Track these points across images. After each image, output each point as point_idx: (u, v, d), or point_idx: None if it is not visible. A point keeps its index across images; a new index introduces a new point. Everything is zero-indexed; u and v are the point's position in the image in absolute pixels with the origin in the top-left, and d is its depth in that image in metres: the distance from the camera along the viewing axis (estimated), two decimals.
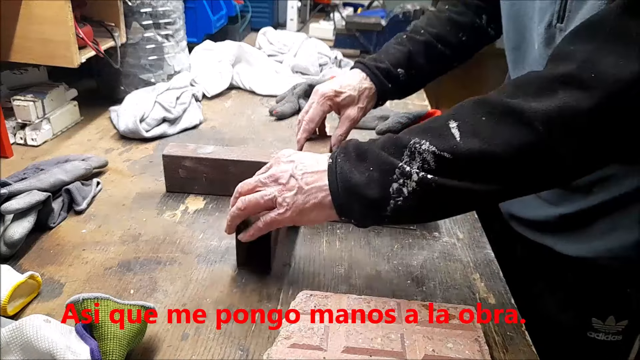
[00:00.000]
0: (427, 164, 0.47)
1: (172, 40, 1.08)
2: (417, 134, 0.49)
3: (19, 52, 0.87)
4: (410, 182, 0.48)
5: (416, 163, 0.48)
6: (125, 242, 0.66)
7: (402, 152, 0.49)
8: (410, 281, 0.61)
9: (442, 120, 0.49)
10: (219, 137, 0.97)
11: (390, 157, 0.49)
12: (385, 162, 0.49)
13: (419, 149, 0.48)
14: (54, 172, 0.71)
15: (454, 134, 0.47)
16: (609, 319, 0.70)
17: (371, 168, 0.50)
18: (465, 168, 0.47)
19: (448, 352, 0.48)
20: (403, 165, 0.48)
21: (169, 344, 0.51)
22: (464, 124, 0.47)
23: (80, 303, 0.46)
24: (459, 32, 0.82)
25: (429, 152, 0.47)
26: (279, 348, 0.48)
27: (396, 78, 0.80)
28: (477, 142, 0.46)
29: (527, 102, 0.45)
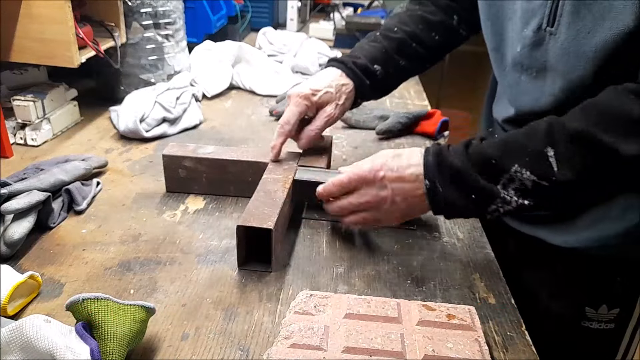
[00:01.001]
0: (525, 188, 0.54)
1: (172, 40, 1.08)
2: (516, 158, 0.54)
3: (19, 52, 0.87)
4: (507, 206, 0.55)
5: (513, 186, 0.54)
6: (125, 242, 0.66)
7: (501, 176, 0.55)
8: (410, 281, 0.61)
9: (539, 144, 0.54)
10: (219, 137, 0.97)
11: (489, 183, 0.55)
12: (485, 189, 0.55)
13: (520, 177, 0.54)
14: (54, 172, 0.71)
15: (552, 164, 0.53)
16: (601, 307, 0.71)
17: (473, 196, 0.56)
18: (559, 194, 0.54)
19: (448, 352, 0.48)
20: (504, 194, 0.55)
21: (169, 344, 0.51)
22: (561, 155, 0.53)
23: (80, 303, 0.46)
24: (431, 32, 0.82)
25: (529, 180, 0.54)
26: (278, 348, 0.48)
27: (373, 75, 0.78)
28: (573, 175, 0.52)
29: (619, 142, 0.51)
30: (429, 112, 1.03)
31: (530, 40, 0.64)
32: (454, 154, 0.58)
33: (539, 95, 0.65)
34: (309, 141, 0.75)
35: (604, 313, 0.71)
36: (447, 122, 1.01)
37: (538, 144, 0.54)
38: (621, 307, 0.72)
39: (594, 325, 0.72)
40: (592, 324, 0.72)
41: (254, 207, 0.63)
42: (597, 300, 0.71)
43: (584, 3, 0.57)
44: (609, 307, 0.71)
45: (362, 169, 0.61)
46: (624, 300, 0.72)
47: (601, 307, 0.71)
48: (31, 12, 0.83)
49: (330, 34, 1.65)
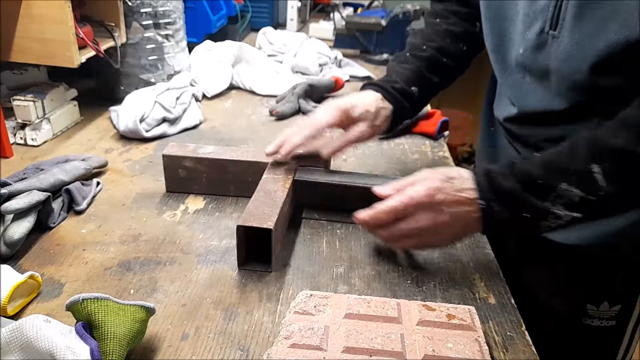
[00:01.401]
0: (573, 203, 0.55)
1: (172, 40, 1.08)
2: (562, 176, 0.55)
3: (19, 52, 0.87)
4: (559, 221, 0.56)
5: (562, 200, 0.55)
6: (125, 242, 0.66)
7: (549, 194, 0.56)
8: (410, 281, 0.61)
9: (583, 162, 0.55)
10: (219, 137, 0.97)
11: (538, 201, 0.56)
12: (537, 207, 0.56)
13: (568, 194, 0.55)
14: (54, 172, 0.71)
15: (597, 180, 0.54)
16: (602, 304, 0.71)
17: (525, 214, 0.57)
18: (606, 206, 0.56)
19: (448, 352, 0.48)
20: (555, 210, 0.56)
21: (169, 344, 0.51)
22: (606, 170, 0.54)
23: (80, 303, 0.46)
24: (459, 43, 0.82)
25: (577, 196, 0.55)
26: (279, 348, 0.48)
27: (411, 97, 0.79)
28: (619, 189, 0.54)
29: None
30: (428, 112, 1.03)
31: (532, 43, 0.64)
32: (501, 175, 0.58)
33: (546, 96, 0.65)
34: (333, 152, 0.74)
35: (605, 310, 0.71)
36: (447, 122, 1.01)
37: (582, 162, 0.55)
38: (622, 304, 0.72)
39: (595, 322, 0.72)
40: (593, 321, 0.72)
41: (254, 207, 0.63)
42: (598, 298, 0.71)
43: (588, 6, 0.56)
44: (610, 304, 0.71)
45: (419, 193, 0.59)
46: (625, 297, 0.72)
47: (602, 304, 0.71)
48: (31, 12, 0.83)
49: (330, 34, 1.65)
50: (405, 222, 0.60)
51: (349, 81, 1.31)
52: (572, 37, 0.59)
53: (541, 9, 0.62)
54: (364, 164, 0.89)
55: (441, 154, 0.95)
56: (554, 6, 0.60)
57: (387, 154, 0.93)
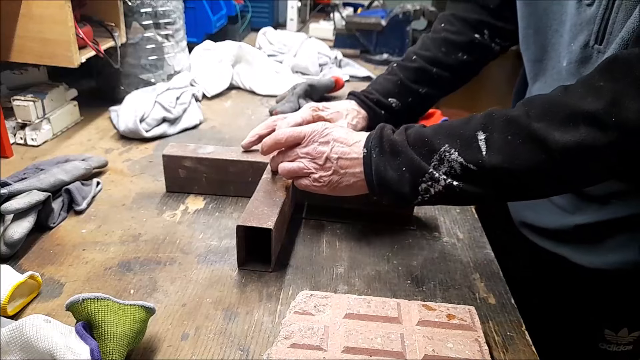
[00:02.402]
0: (453, 170, 0.53)
1: (172, 40, 1.08)
2: (447, 139, 0.54)
3: (19, 52, 0.87)
4: (437, 185, 0.55)
5: (444, 168, 0.54)
6: (125, 242, 0.66)
7: (432, 156, 0.55)
8: (410, 281, 0.61)
9: (472, 128, 0.53)
10: (219, 137, 0.97)
11: (421, 160, 0.55)
12: (416, 165, 0.55)
13: (448, 157, 0.53)
14: (54, 172, 0.71)
15: (481, 147, 0.52)
16: (622, 330, 0.69)
17: (403, 168, 0.56)
18: (486, 179, 0.53)
19: (448, 352, 0.48)
20: (432, 170, 0.54)
21: (169, 344, 0.51)
22: (491, 139, 0.52)
23: (80, 303, 0.46)
24: (457, 52, 0.80)
25: (456, 162, 0.53)
26: (279, 348, 0.48)
27: (389, 107, 0.80)
28: (500, 159, 0.51)
29: (551, 131, 0.49)
30: (428, 112, 1.03)
31: (576, 57, 0.60)
32: (396, 131, 0.59)
33: None
34: None
35: (624, 336, 0.69)
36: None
37: (471, 128, 0.53)
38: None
39: (612, 347, 0.70)
40: (610, 347, 0.70)
41: (253, 207, 0.63)
42: (618, 323, 0.69)
43: None
44: (630, 330, 0.69)
45: (315, 126, 0.63)
46: None
47: (622, 330, 0.69)
48: (31, 12, 0.83)
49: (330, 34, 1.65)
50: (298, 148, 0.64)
51: (349, 81, 1.31)
52: None
53: (587, 20, 0.58)
54: None
55: None
56: (601, 18, 0.56)
57: None
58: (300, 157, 0.63)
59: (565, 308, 0.73)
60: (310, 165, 0.63)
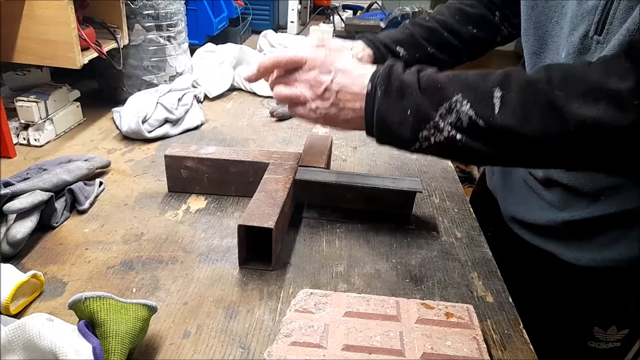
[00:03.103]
0: (460, 122, 0.50)
1: (174, 42, 1.09)
2: (461, 89, 0.51)
3: (21, 53, 0.88)
4: (439, 135, 0.51)
5: (450, 118, 0.50)
6: (127, 242, 0.66)
7: (441, 104, 0.51)
8: (409, 280, 0.62)
9: (489, 83, 0.50)
10: (220, 137, 0.98)
11: (428, 105, 0.51)
12: (423, 110, 0.51)
13: (458, 108, 0.50)
14: (57, 172, 0.72)
15: (495, 105, 0.49)
16: (611, 328, 0.69)
17: (408, 111, 0.52)
18: (493, 138, 0.50)
19: (446, 350, 0.49)
20: (438, 119, 0.51)
21: (170, 342, 0.52)
22: (506, 98, 0.48)
23: (83, 302, 0.47)
24: (468, 24, 0.78)
25: (466, 114, 0.49)
26: (279, 346, 0.49)
27: (396, 54, 0.75)
28: (513, 121, 0.48)
29: (570, 102, 0.46)
30: None
31: (575, 48, 0.59)
32: (407, 70, 0.55)
33: None
34: None
35: (612, 334, 0.69)
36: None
37: (489, 83, 0.50)
38: (631, 328, 0.69)
39: (601, 345, 0.70)
40: (599, 344, 0.70)
41: (254, 206, 0.63)
42: (607, 321, 0.69)
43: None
44: (619, 328, 0.69)
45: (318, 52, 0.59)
46: (636, 321, 0.69)
47: (611, 328, 0.69)
48: (34, 13, 0.84)
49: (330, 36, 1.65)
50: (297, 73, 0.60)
51: None
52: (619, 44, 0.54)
53: (588, 11, 0.57)
54: (363, 164, 0.90)
55: None
56: (602, 8, 0.55)
57: (387, 154, 0.94)
58: (298, 82, 0.59)
59: (556, 305, 0.73)
60: (307, 94, 0.58)
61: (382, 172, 0.87)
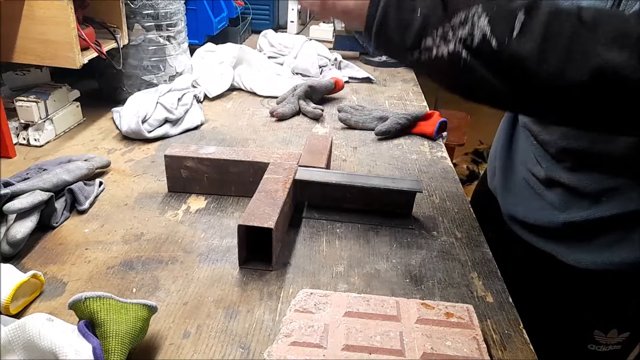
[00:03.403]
0: (471, 38, 0.45)
1: (174, 42, 1.09)
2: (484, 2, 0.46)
3: (21, 53, 0.88)
4: (443, 47, 0.46)
5: (462, 30, 0.45)
6: (127, 242, 0.66)
7: (457, 12, 0.46)
8: (409, 280, 0.62)
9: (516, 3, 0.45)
10: (220, 137, 0.98)
11: (443, 9, 0.46)
12: (435, 13, 0.46)
13: (474, 20, 0.45)
14: (57, 172, 0.72)
15: (515, 28, 0.44)
16: (611, 331, 0.68)
17: (418, 11, 0.47)
18: (501, 66, 0.45)
19: (446, 350, 0.49)
20: (448, 28, 0.45)
21: (170, 342, 0.52)
22: (529, 25, 0.44)
23: (83, 302, 0.47)
24: None
25: (480, 30, 0.45)
26: (279, 346, 0.49)
27: None
28: (529, 50, 0.44)
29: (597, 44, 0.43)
30: (427, 113, 1.04)
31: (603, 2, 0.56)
32: None
33: None
34: None
35: (613, 337, 0.68)
36: (446, 122, 1.01)
37: (516, 4, 0.45)
38: (632, 331, 0.69)
39: (601, 348, 0.69)
40: (599, 347, 0.69)
41: (254, 206, 0.63)
42: (607, 324, 0.68)
43: None
44: (619, 331, 0.68)
45: None
46: (636, 323, 0.69)
47: (611, 331, 0.68)
48: (33, 13, 0.84)
49: (330, 36, 1.66)
50: None
51: (348, 82, 1.32)
52: None
53: None
54: (363, 164, 0.90)
55: (439, 154, 0.95)
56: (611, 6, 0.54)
57: (386, 154, 0.94)
58: None
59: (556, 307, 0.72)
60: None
61: (382, 172, 0.87)
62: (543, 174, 0.70)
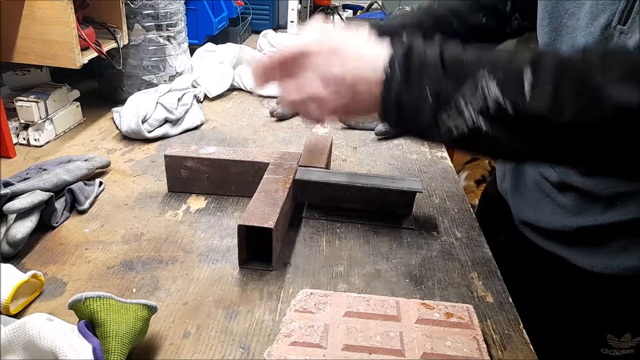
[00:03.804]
0: (486, 108, 0.45)
1: (174, 42, 1.09)
2: (488, 64, 0.45)
3: (21, 53, 0.88)
4: (460, 122, 0.46)
5: (474, 99, 0.45)
6: (127, 242, 0.66)
7: (465, 81, 0.46)
8: (409, 280, 0.62)
9: (519, 60, 0.45)
10: (220, 137, 0.98)
11: (451, 83, 0.46)
12: (444, 88, 0.46)
13: (483, 85, 0.45)
14: (57, 172, 0.72)
15: (525, 89, 0.44)
16: (625, 335, 0.68)
17: (428, 91, 0.46)
18: (521, 127, 0.45)
19: (446, 350, 0.49)
20: (460, 99, 0.45)
21: (170, 342, 0.52)
22: (539, 81, 0.44)
23: (83, 302, 0.47)
24: (478, 12, 0.75)
25: (492, 98, 0.44)
26: (279, 346, 0.49)
27: None
28: (546, 107, 0.43)
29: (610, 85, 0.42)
30: None
31: (595, 38, 0.57)
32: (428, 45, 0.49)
33: None
34: None
35: (626, 341, 0.67)
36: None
37: (519, 61, 0.45)
38: None
39: (614, 352, 0.68)
40: (612, 352, 0.68)
41: (254, 206, 0.63)
42: (621, 328, 0.67)
43: None
44: (633, 335, 0.67)
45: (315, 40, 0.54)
46: None
47: (625, 335, 0.67)
48: (34, 13, 0.84)
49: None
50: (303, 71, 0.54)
51: None
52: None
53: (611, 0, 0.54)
54: (363, 164, 0.90)
55: (439, 154, 0.95)
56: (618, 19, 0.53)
57: (386, 154, 0.94)
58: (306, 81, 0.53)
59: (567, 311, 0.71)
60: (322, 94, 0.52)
61: (382, 172, 0.87)
62: (556, 178, 0.69)
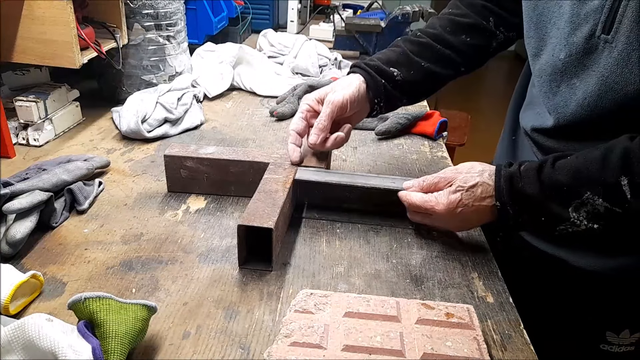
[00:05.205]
0: (597, 213, 0.54)
1: (174, 42, 1.08)
2: (588, 186, 0.54)
3: (21, 53, 0.88)
4: (576, 228, 0.56)
5: (585, 208, 0.55)
6: (127, 242, 0.66)
7: (572, 201, 0.55)
8: (409, 280, 0.62)
9: (612, 173, 0.53)
10: (220, 137, 0.98)
11: (559, 208, 0.56)
12: (555, 213, 0.56)
13: (592, 203, 0.54)
14: (56, 172, 0.72)
15: (625, 192, 0.52)
16: (623, 332, 0.68)
17: (542, 218, 0.58)
18: (631, 221, 0.54)
19: (447, 351, 0.49)
20: (574, 218, 0.55)
21: (170, 342, 0.52)
22: (635, 182, 0.52)
23: (82, 302, 0.47)
24: (461, 34, 0.78)
25: (601, 206, 0.54)
26: (279, 346, 0.49)
27: (390, 76, 0.76)
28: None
29: None
30: (427, 113, 1.04)
31: (578, 48, 0.59)
32: (526, 180, 0.58)
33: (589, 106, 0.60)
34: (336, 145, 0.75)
35: (625, 337, 0.69)
36: (446, 122, 1.01)
37: (612, 173, 0.53)
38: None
39: (614, 349, 0.70)
40: (612, 348, 0.70)
41: (254, 206, 0.63)
42: (619, 325, 0.68)
43: None
44: (631, 332, 0.68)
45: (440, 207, 0.64)
46: None
47: (623, 332, 0.68)
48: (33, 13, 0.84)
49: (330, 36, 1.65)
50: (422, 216, 0.68)
51: None
52: (629, 42, 0.54)
53: (593, 10, 0.57)
54: (363, 164, 0.90)
55: (440, 154, 0.95)
56: (609, 7, 0.55)
57: (387, 154, 0.94)
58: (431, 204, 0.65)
59: (566, 309, 0.72)
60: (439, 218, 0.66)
61: (382, 172, 0.87)
62: None
